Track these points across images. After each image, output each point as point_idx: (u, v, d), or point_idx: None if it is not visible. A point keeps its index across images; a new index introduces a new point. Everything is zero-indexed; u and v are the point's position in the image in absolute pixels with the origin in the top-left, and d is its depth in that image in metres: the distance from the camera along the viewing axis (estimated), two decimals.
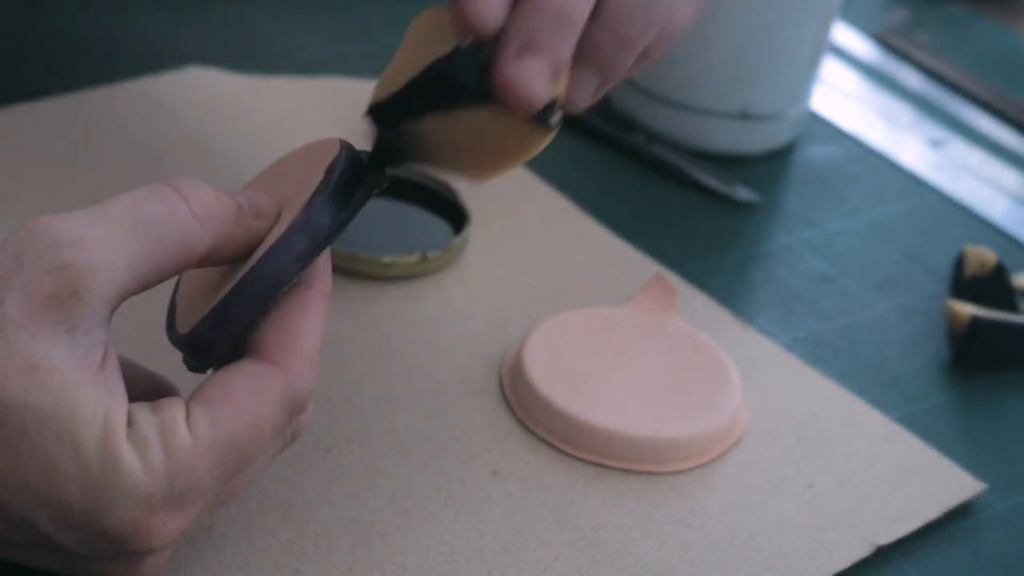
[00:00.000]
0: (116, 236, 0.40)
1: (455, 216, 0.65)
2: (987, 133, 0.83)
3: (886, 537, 0.53)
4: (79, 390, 0.39)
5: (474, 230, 0.65)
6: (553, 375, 0.55)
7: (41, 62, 0.72)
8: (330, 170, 0.45)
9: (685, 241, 0.68)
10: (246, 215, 0.44)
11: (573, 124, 0.75)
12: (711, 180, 0.72)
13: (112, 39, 0.74)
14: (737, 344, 0.61)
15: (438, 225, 0.64)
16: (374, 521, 0.50)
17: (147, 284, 0.41)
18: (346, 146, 0.46)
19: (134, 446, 0.39)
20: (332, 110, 0.72)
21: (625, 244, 0.66)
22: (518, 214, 0.67)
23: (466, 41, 0.44)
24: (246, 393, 0.42)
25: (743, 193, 0.72)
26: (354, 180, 0.46)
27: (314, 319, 0.44)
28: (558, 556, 0.50)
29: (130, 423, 0.40)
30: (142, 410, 0.41)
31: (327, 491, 0.50)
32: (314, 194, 0.44)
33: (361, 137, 0.71)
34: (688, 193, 0.72)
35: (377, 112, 0.47)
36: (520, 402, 0.56)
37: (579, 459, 0.54)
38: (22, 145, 0.65)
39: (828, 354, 0.63)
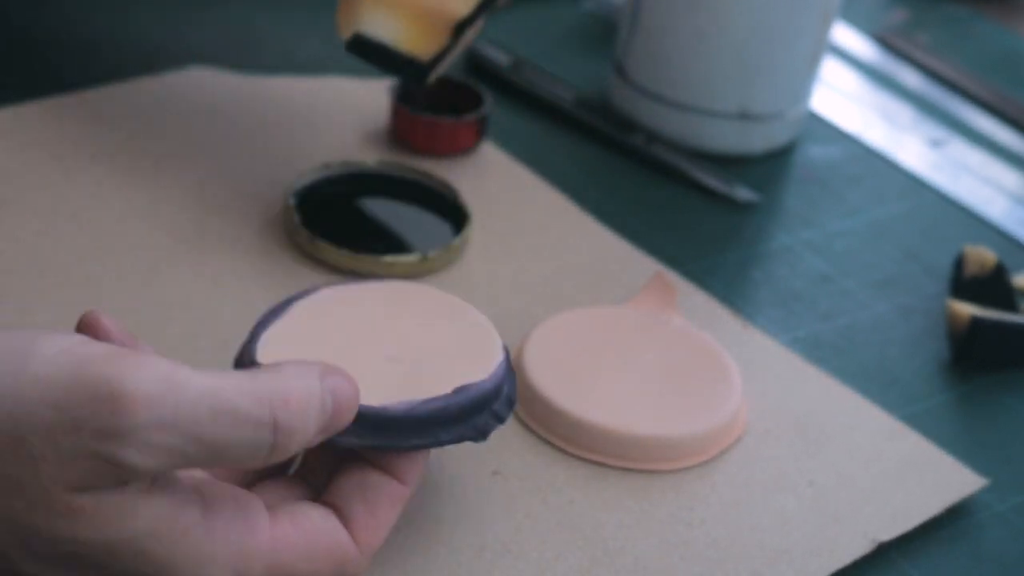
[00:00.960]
0: (184, 452, 0.39)
1: (455, 216, 0.65)
2: (987, 133, 0.83)
3: (887, 533, 0.53)
4: (129, 515, 0.39)
5: (474, 230, 0.65)
6: (553, 374, 0.55)
7: (41, 62, 0.72)
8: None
9: (685, 241, 0.68)
10: (318, 434, 0.42)
11: (573, 124, 0.75)
12: (711, 180, 0.72)
13: (112, 39, 0.74)
14: (737, 342, 0.61)
15: (438, 225, 0.64)
16: None
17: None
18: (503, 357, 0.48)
19: (205, 540, 0.41)
20: (332, 110, 0.72)
21: (625, 244, 0.66)
22: (518, 214, 0.67)
23: None
24: (318, 533, 0.43)
25: (743, 193, 0.72)
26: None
27: (394, 514, 0.45)
28: (559, 555, 0.50)
29: (208, 517, 0.41)
30: (224, 510, 0.42)
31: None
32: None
33: (360, 138, 0.71)
34: (688, 193, 0.72)
35: (460, 28, 0.59)
36: (521, 401, 0.56)
37: (579, 458, 0.54)
38: (22, 145, 0.65)
39: (828, 354, 0.63)
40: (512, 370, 0.48)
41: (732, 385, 0.57)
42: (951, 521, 0.55)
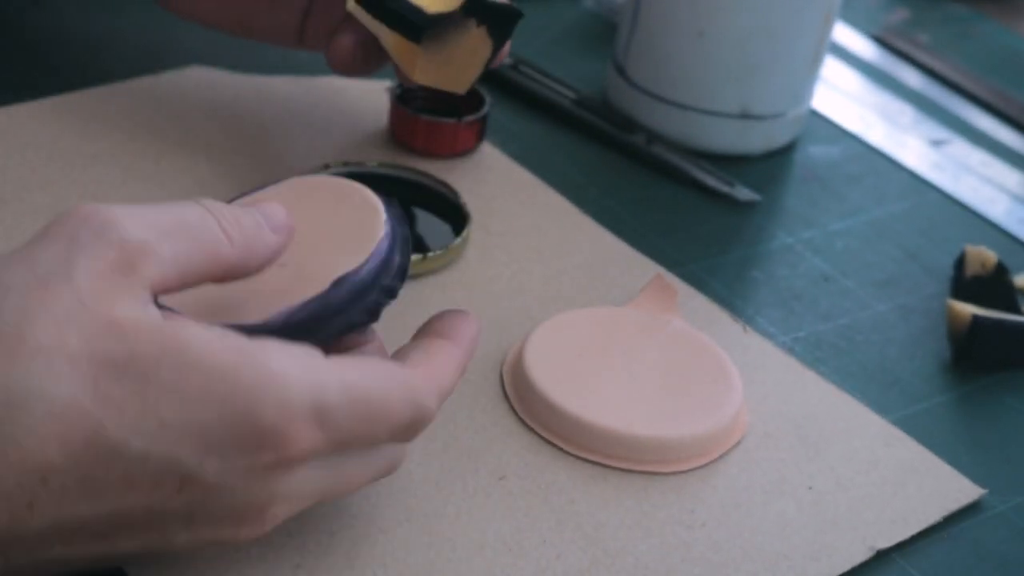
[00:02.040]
0: (161, 227, 0.42)
1: (455, 216, 0.65)
2: (988, 133, 0.83)
3: (886, 541, 0.53)
4: (177, 328, 0.41)
5: (474, 230, 0.65)
6: (554, 375, 0.55)
7: (41, 62, 0.72)
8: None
9: (685, 241, 0.68)
10: (265, 229, 0.46)
11: (573, 124, 0.75)
12: (711, 180, 0.72)
13: (112, 39, 0.74)
14: (737, 345, 0.61)
15: (438, 225, 0.64)
16: (375, 518, 0.50)
17: (183, 283, 0.43)
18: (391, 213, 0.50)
19: (272, 354, 0.41)
20: (332, 110, 0.72)
21: (625, 244, 0.66)
22: (518, 214, 0.67)
23: None
24: (385, 370, 0.44)
25: (743, 193, 0.72)
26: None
27: (452, 366, 0.48)
28: (559, 555, 0.50)
29: (260, 341, 0.42)
30: (273, 339, 0.43)
31: None
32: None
33: (360, 138, 0.71)
34: (688, 193, 0.72)
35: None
36: (521, 402, 0.56)
37: (580, 459, 0.54)
38: (22, 145, 0.65)
39: (828, 354, 0.63)
40: (405, 239, 0.49)
41: (733, 388, 0.57)
42: (952, 521, 0.55)
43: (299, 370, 0.41)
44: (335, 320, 0.47)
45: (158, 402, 0.40)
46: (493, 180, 0.69)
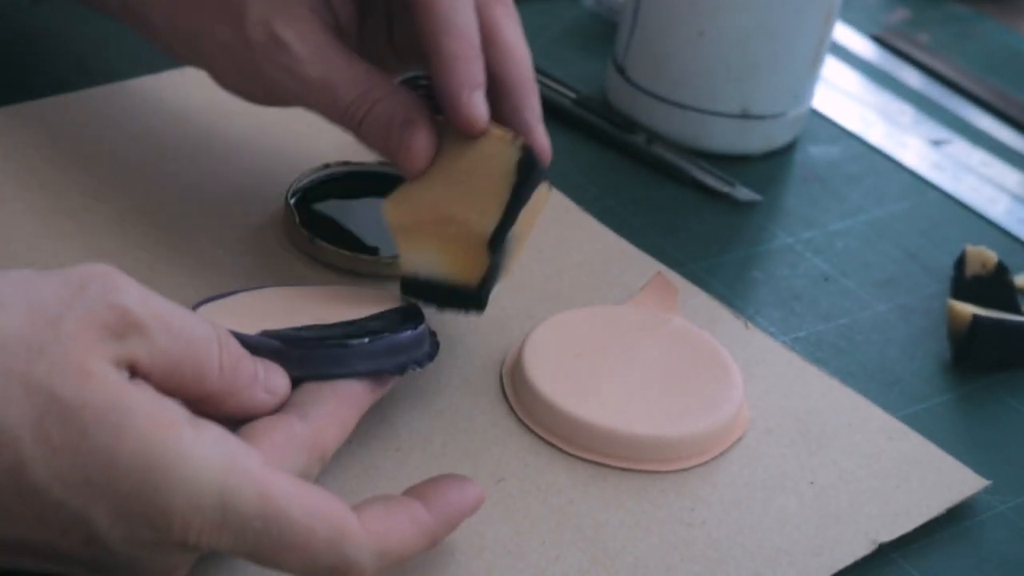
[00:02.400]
0: (166, 321, 0.43)
1: None
2: (988, 133, 0.83)
3: (888, 534, 0.53)
4: (134, 393, 0.41)
5: None
6: (554, 374, 0.55)
7: (41, 62, 0.72)
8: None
9: (685, 241, 0.68)
10: (258, 385, 0.47)
11: (573, 124, 0.75)
12: (711, 180, 0.72)
13: (112, 39, 0.74)
14: (738, 342, 0.61)
15: None
16: None
17: (161, 380, 0.43)
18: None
19: (197, 443, 0.41)
20: None
21: (626, 243, 0.66)
22: None
23: (517, 142, 0.54)
24: (324, 505, 0.43)
25: (743, 193, 0.72)
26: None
27: (420, 527, 0.46)
28: (559, 556, 0.50)
29: (197, 426, 0.42)
30: (215, 424, 0.43)
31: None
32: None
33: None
34: (688, 193, 0.72)
35: (496, 241, 0.53)
36: (521, 402, 0.56)
37: (580, 458, 0.54)
38: (22, 145, 0.65)
39: (828, 354, 0.63)
40: (434, 335, 0.54)
41: (733, 385, 0.57)
42: (952, 521, 0.55)
43: (220, 466, 0.41)
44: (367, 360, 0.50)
45: (89, 458, 0.40)
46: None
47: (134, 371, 0.42)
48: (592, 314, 0.59)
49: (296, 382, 0.49)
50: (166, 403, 0.42)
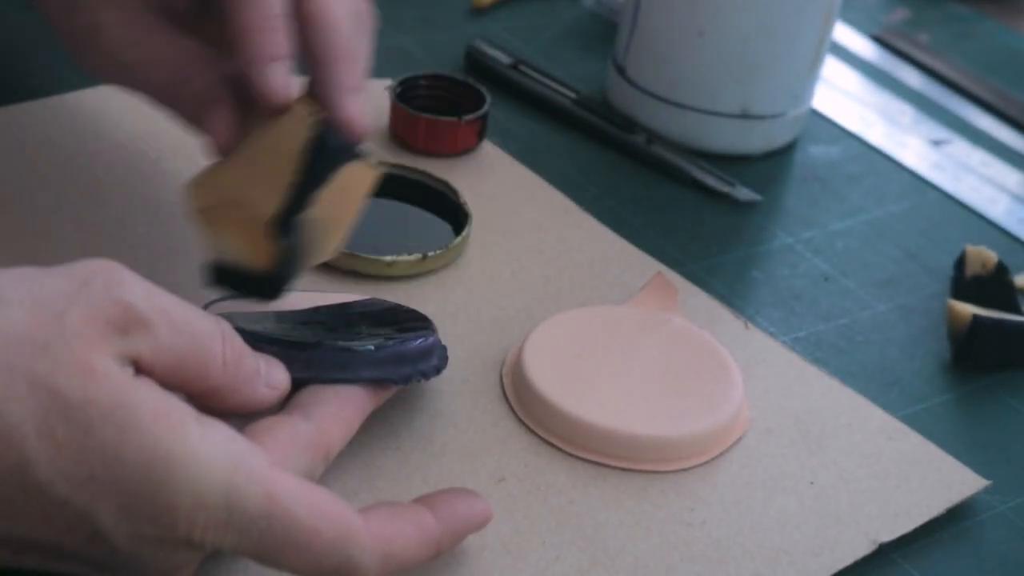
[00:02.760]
0: (170, 316, 0.43)
1: (455, 216, 0.65)
2: (988, 133, 0.83)
3: (888, 534, 0.53)
4: (138, 389, 0.41)
5: (474, 230, 0.65)
6: (554, 374, 0.55)
7: (41, 62, 0.72)
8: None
9: (686, 241, 0.68)
10: (260, 380, 0.47)
11: (573, 124, 0.75)
12: (711, 180, 0.72)
13: None
14: (738, 342, 0.61)
15: (438, 225, 0.64)
16: None
17: (166, 376, 0.43)
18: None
19: (204, 441, 0.41)
20: None
21: (626, 243, 0.66)
22: (518, 214, 0.67)
23: (311, 119, 0.50)
24: (330, 506, 0.43)
25: (743, 193, 0.72)
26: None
27: (425, 534, 0.46)
28: (559, 556, 0.50)
29: (204, 424, 0.42)
30: (222, 423, 0.43)
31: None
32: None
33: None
34: (688, 193, 0.72)
35: (283, 225, 0.50)
36: (521, 402, 0.56)
37: (580, 458, 0.54)
38: (22, 145, 0.65)
39: (829, 354, 0.63)
40: (443, 349, 0.53)
41: (733, 385, 0.57)
42: (952, 521, 0.55)
43: (226, 465, 0.41)
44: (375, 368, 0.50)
45: (93, 455, 0.40)
46: (493, 179, 0.69)
47: (138, 367, 0.42)
48: (592, 314, 0.59)
49: (300, 383, 0.49)
50: (172, 400, 0.42)
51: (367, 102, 0.52)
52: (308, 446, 0.46)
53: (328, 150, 0.50)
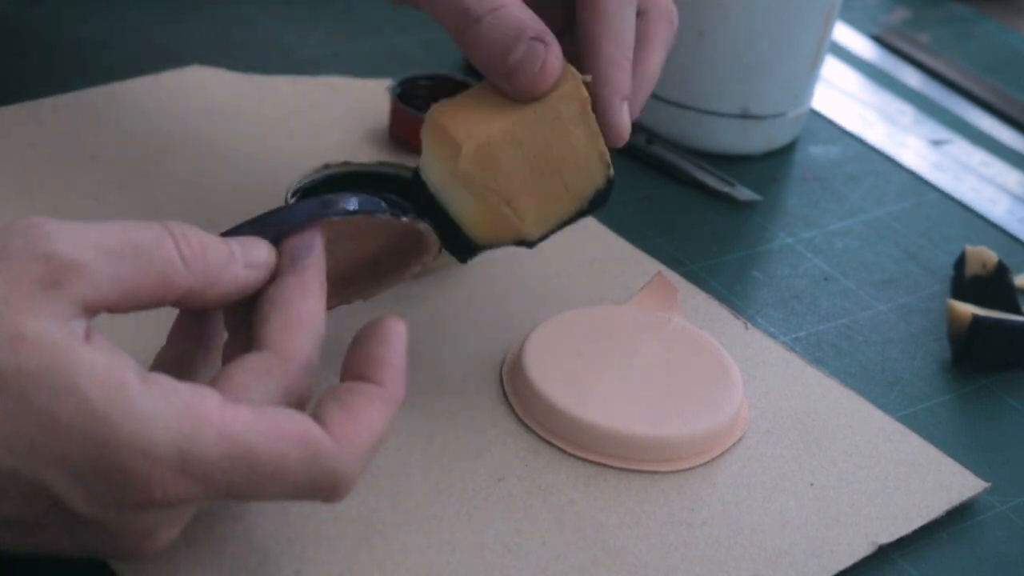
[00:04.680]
0: (103, 246, 0.42)
1: None
2: (988, 133, 0.83)
3: (888, 536, 0.53)
4: (73, 351, 0.40)
5: None
6: (554, 374, 0.55)
7: (41, 62, 0.72)
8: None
9: (686, 241, 0.68)
10: (236, 263, 0.45)
11: None
12: (711, 180, 0.72)
13: (112, 39, 0.74)
14: (738, 342, 0.61)
15: None
16: (374, 521, 0.50)
17: (124, 304, 0.42)
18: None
19: (147, 397, 0.40)
20: (332, 110, 0.72)
21: (626, 243, 0.66)
22: None
23: (609, 170, 0.53)
24: (287, 427, 0.42)
25: (743, 193, 0.72)
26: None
27: (376, 413, 0.44)
28: (559, 555, 0.50)
29: (147, 380, 0.41)
30: (165, 376, 0.41)
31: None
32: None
33: (360, 138, 0.71)
34: (688, 193, 0.72)
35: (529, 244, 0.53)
36: (521, 401, 0.56)
37: (580, 458, 0.54)
38: (22, 145, 0.65)
39: (829, 354, 0.63)
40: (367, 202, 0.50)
41: (733, 385, 0.57)
42: (952, 521, 0.55)
43: (172, 416, 0.40)
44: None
45: (30, 423, 0.39)
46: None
47: (88, 310, 0.41)
48: (592, 314, 0.59)
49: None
50: (113, 359, 0.40)
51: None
52: (265, 369, 0.44)
53: (600, 206, 0.53)
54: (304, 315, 0.45)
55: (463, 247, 0.53)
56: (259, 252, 0.46)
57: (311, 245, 0.47)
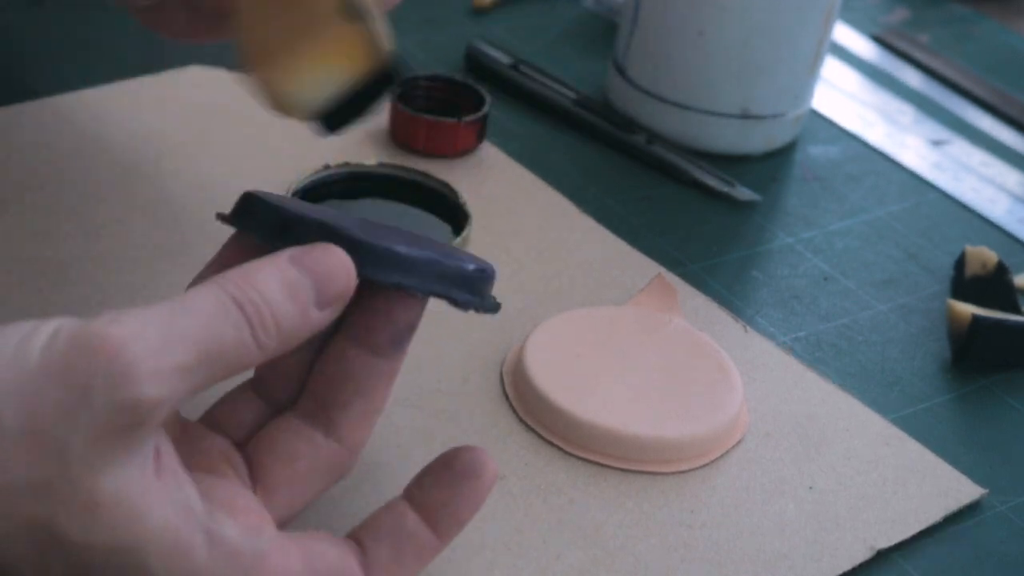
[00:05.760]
0: (185, 366, 0.38)
1: (455, 217, 0.65)
2: (988, 133, 0.83)
3: (886, 540, 0.53)
4: (143, 516, 0.39)
5: (474, 230, 0.65)
6: (554, 375, 0.55)
7: (41, 62, 0.72)
8: None
9: (685, 241, 0.68)
10: (309, 313, 0.41)
11: (573, 124, 0.75)
12: (711, 180, 0.72)
13: (112, 39, 0.74)
14: (738, 345, 0.61)
15: (438, 226, 0.64)
16: None
17: (194, 391, 0.40)
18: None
19: (211, 564, 0.40)
20: None
21: (625, 244, 0.66)
22: (518, 214, 0.67)
23: None
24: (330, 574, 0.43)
25: (743, 193, 0.72)
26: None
27: (419, 568, 0.44)
28: (559, 555, 0.50)
29: (212, 537, 0.40)
30: (231, 524, 0.41)
31: (329, 489, 0.50)
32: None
33: (360, 138, 0.71)
34: (688, 193, 0.72)
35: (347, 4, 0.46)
36: (521, 402, 0.56)
37: (580, 459, 0.54)
38: (22, 145, 0.65)
39: (828, 354, 0.63)
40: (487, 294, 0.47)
41: (733, 387, 0.57)
42: (952, 521, 0.55)
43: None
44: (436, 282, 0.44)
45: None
46: (493, 180, 0.69)
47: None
48: (592, 315, 0.59)
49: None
50: (181, 515, 0.39)
51: None
52: (329, 468, 0.44)
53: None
54: (383, 402, 0.45)
55: (381, 84, 0.47)
56: (336, 285, 0.42)
57: (414, 325, 0.45)
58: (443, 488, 0.44)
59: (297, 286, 0.41)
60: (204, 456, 0.44)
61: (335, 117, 0.48)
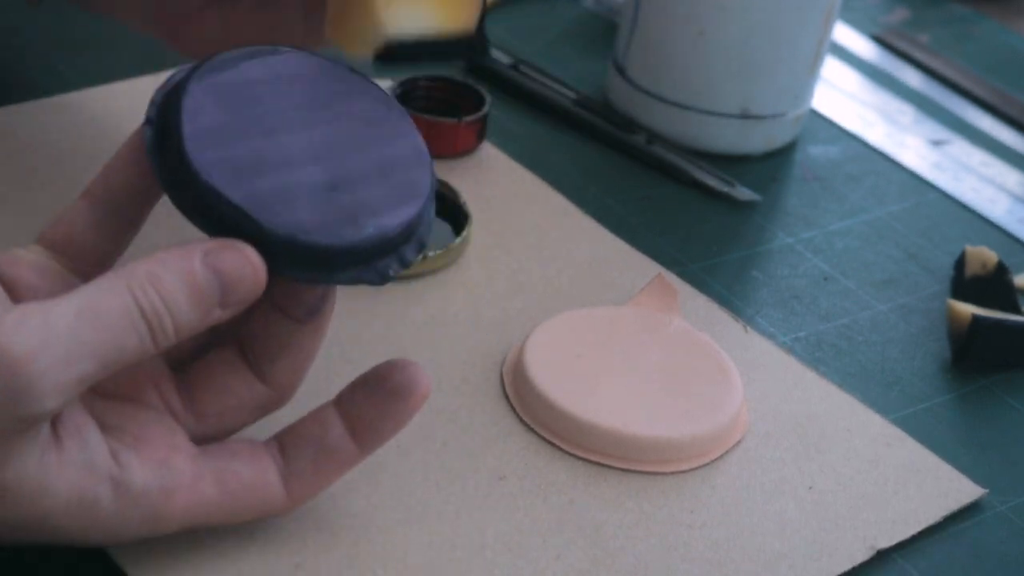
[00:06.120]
0: (87, 376, 0.40)
1: (455, 217, 0.65)
2: (988, 133, 0.83)
3: (886, 540, 0.53)
4: (45, 492, 0.41)
5: (474, 230, 0.65)
6: (554, 375, 0.55)
7: (41, 62, 0.72)
8: None
9: (685, 241, 0.68)
10: (212, 315, 0.42)
11: (573, 124, 0.75)
12: (711, 180, 0.72)
13: (112, 39, 0.74)
14: (738, 345, 0.61)
15: (438, 226, 0.64)
16: (375, 518, 0.50)
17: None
18: None
19: (116, 513, 0.43)
20: None
21: (625, 244, 0.66)
22: (518, 214, 0.67)
23: None
24: (246, 491, 0.46)
25: (743, 193, 0.72)
26: None
27: (338, 477, 0.47)
28: (559, 555, 0.50)
29: (118, 485, 0.43)
30: (138, 461, 0.44)
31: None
32: None
33: None
34: (688, 193, 0.72)
35: None
36: (521, 401, 0.56)
37: (580, 459, 0.54)
38: (21, 145, 0.65)
39: (828, 354, 0.63)
40: (431, 212, 0.47)
41: (733, 387, 0.57)
42: (952, 521, 0.55)
43: (139, 521, 0.43)
44: (349, 268, 0.44)
45: None
46: (493, 180, 0.69)
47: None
48: (592, 315, 0.59)
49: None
50: (83, 474, 0.42)
51: None
52: (257, 406, 0.46)
53: None
54: (312, 353, 0.47)
55: (468, 44, 0.49)
56: (242, 290, 0.42)
57: (328, 296, 0.47)
58: (374, 404, 0.46)
59: (204, 291, 0.42)
60: (131, 379, 0.45)
61: (395, 52, 0.49)
